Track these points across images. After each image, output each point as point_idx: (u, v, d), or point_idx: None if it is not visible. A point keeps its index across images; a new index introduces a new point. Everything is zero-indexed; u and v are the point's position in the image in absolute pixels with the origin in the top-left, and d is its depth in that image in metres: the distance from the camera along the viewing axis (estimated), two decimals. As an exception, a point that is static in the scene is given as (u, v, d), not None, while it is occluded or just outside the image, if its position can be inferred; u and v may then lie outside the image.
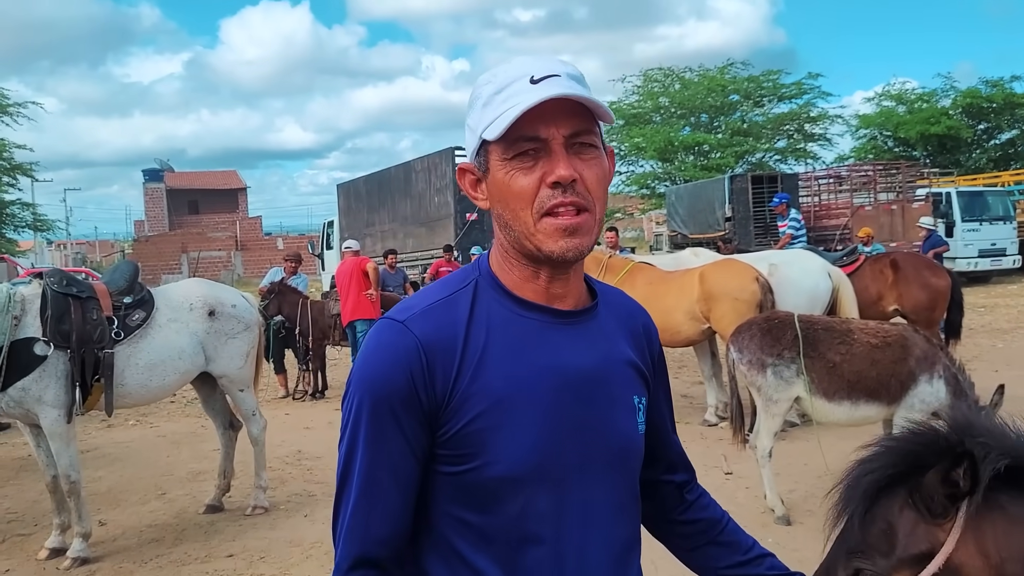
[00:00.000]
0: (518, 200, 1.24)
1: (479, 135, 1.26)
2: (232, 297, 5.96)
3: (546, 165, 1.22)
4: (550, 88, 1.20)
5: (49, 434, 5.09)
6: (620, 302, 1.47)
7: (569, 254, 1.24)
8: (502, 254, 1.33)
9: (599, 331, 1.36)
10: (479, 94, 1.28)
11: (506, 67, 1.28)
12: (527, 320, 1.30)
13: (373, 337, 1.29)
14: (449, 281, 1.36)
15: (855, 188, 21.33)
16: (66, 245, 52.54)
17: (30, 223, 33.54)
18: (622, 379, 1.37)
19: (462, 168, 1.35)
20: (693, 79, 34.42)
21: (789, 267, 7.89)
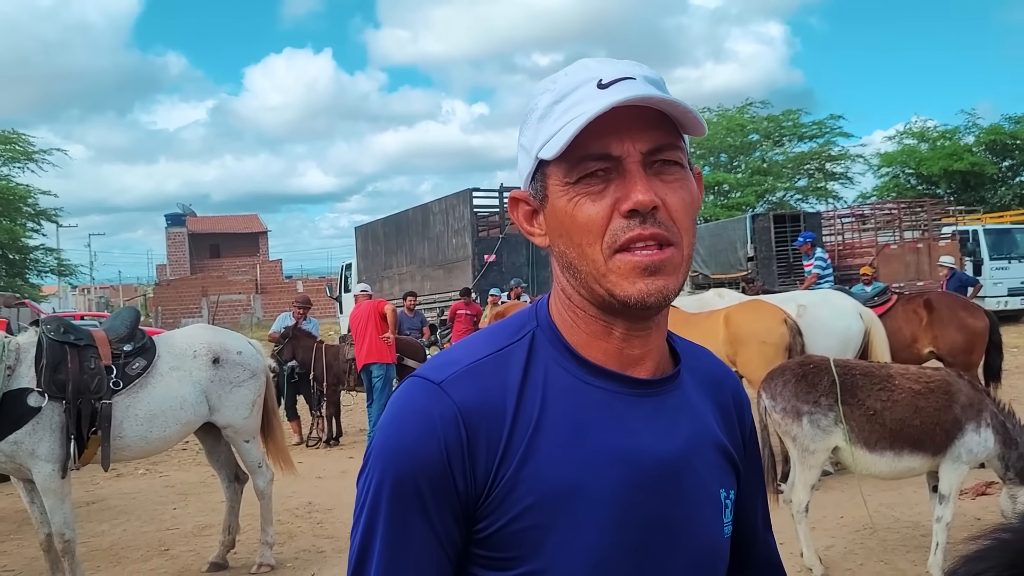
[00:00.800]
0: (584, 233, 0.99)
1: (534, 155, 1.03)
2: (238, 343, 5.73)
3: (619, 189, 0.98)
4: (623, 92, 0.96)
5: (43, 490, 4.85)
6: (706, 365, 1.19)
7: (650, 299, 0.98)
8: (564, 303, 1.08)
9: (682, 405, 1.09)
10: (535, 105, 1.04)
11: (568, 71, 1.04)
12: (594, 389, 1.04)
13: (401, 400, 1.03)
14: (499, 331, 1.10)
15: (879, 226, 20.99)
16: (90, 289, 52.91)
17: (54, 268, 33.74)
18: (708, 468, 1.10)
19: (514, 198, 1.10)
20: (712, 119, 34.35)
21: (819, 308, 7.58)
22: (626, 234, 0.97)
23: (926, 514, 5.42)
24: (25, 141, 30.69)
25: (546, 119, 1.01)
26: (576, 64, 1.04)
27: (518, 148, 1.08)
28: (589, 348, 1.05)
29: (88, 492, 8.27)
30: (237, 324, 37.20)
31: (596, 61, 1.03)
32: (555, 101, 1.00)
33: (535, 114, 1.03)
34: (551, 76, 1.05)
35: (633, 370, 1.05)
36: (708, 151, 34.29)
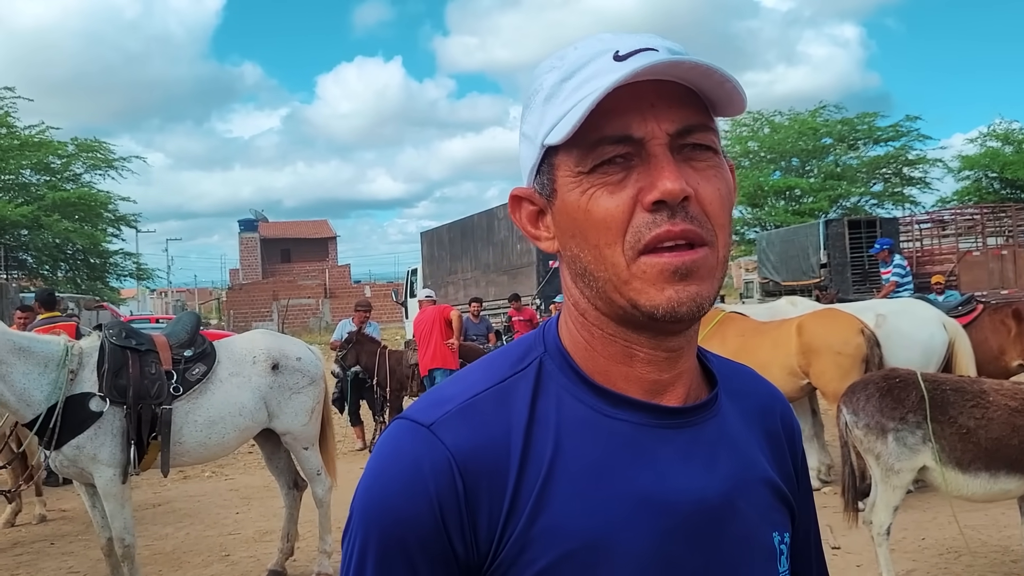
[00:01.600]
0: (602, 231, 0.83)
1: (540, 142, 0.87)
2: (297, 349, 5.68)
3: (643, 177, 0.82)
4: (644, 60, 0.81)
5: (103, 494, 4.86)
6: (748, 386, 1.02)
7: (681, 309, 0.82)
8: (577, 321, 0.91)
9: (722, 437, 0.92)
10: (539, 86, 0.88)
11: (579, 43, 0.88)
12: (616, 423, 0.87)
13: (385, 447, 0.87)
14: (499, 360, 0.93)
15: (960, 232, 20.21)
16: (167, 293, 54.39)
17: (132, 272, 34.71)
18: (758, 510, 0.92)
19: (516, 196, 0.93)
20: (783, 123, 33.64)
21: (899, 318, 7.23)
22: (652, 231, 0.81)
23: (1016, 538, 5.10)
24: (106, 149, 31.69)
25: (553, 99, 0.86)
26: (587, 37, 0.89)
27: (520, 138, 0.92)
28: (608, 375, 0.89)
29: (156, 494, 8.37)
30: (306, 328, 37.77)
31: (610, 33, 0.88)
32: (564, 78, 0.85)
33: (539, 95, 0.88)
34: (556, 51, 0.89)
35: (661, 398, 0.89)
36: (779, 155, 33.57)
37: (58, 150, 30.31)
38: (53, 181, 30.45)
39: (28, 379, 4.62)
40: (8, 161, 28.69)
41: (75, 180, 31.32)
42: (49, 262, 30.33)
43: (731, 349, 7.21)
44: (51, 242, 29.02)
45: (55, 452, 4.72)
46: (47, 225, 27.62)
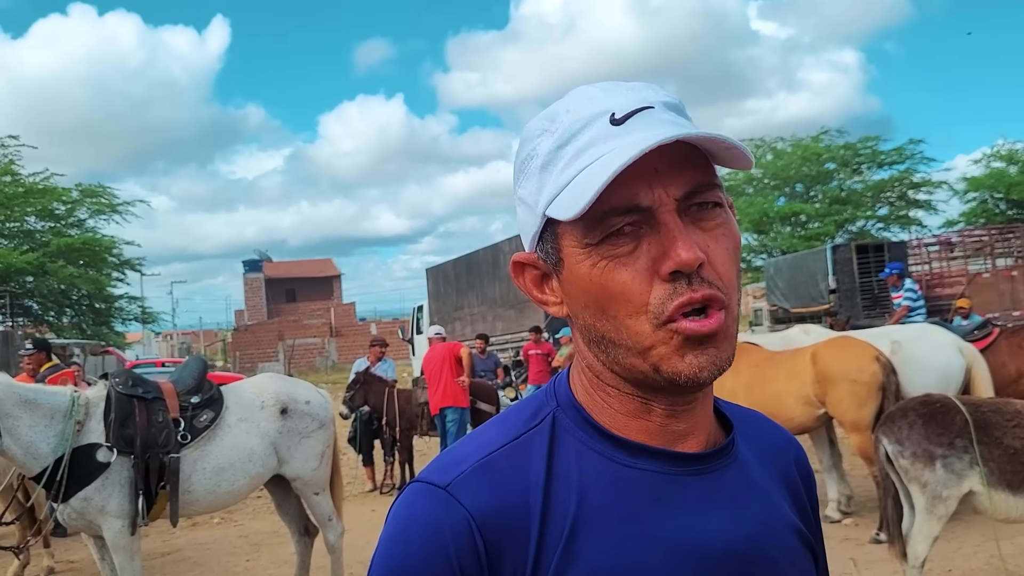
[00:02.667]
0: (621, 303, 0.82)
1: (540, 212, 0.85)
2: (306, 393, 5.61)
3: (655, 246, 0.80)
4: (647, 129, 0.80)
5: (112, 547, 4.77)
6: (763, 431, 1.00)
7: (703, 375, 0.81)
8: (591, 381, 0.89)
9: (744, 482, 0.90)
10: (533, 151, 0.86)
11: (569, 104, 0.86)
12: (637, 473, 0.85)
13: (401, 512, 0.85)
14: (512, 417, 0.91)
15: (968, 254, 20.13)
16: (172, 336, 54.41)
17: (137, 316, 34.68)
18: (787, 555, 0.90)
19: (518, 262, 0.92)
20: (786, 149, 33.71)
21: (915, 344, 7.13)
22: (674, 301, 0.80)
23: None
24: (110, 194, 31.75)
25: (551, 168, 0.84)
26: (575, 94, 0.87)
27: (516, 202, 0.90)
28: (626, 427, 0.87)
29: (164, 542, 8.24)
30: (312, 367, 37.67)
31: (599, 88, 0.86)
32: (559, 145, 0.83)
33: (534, 161, 0.86)
34: (545, 113, 0.87)
35: (680, 445, 0.88)
36: (783, 181, 33.59)
37: (62, 196, 30.41)
38: (57, 227, 30.52)
39: (35, 432, 4.56)
40: (13, 208, 28.78)
41: (79, 226, 31.39)
42: (54, 308, 30.31)
43: (744, 380, 7.12)
44: (56, 288, 29.02)
45: (63, 505, 4.64)
46: (52, 271, 27.65)
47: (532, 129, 0.88)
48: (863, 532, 6.66)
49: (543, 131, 0.86)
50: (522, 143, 0.89)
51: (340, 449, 6.67)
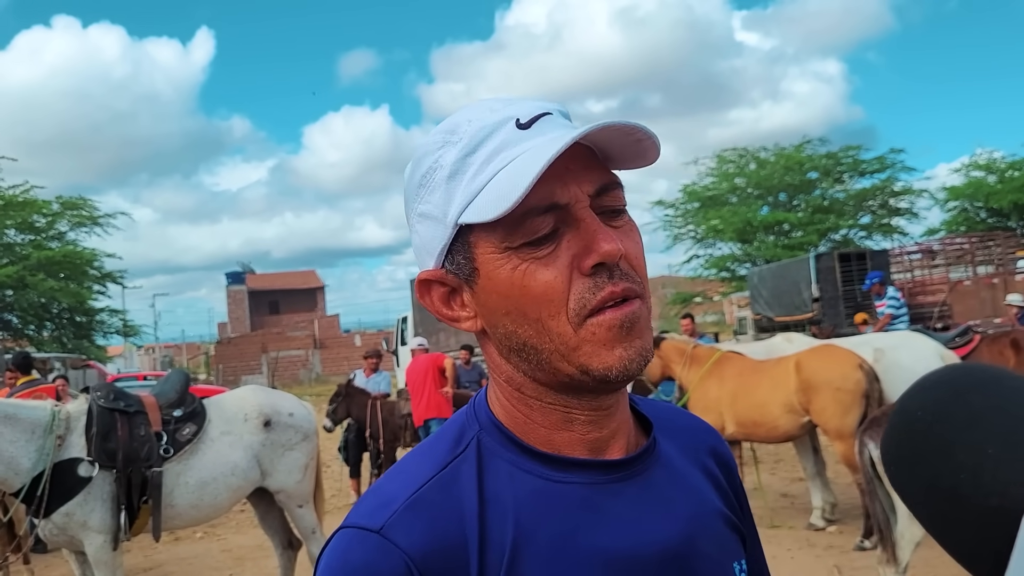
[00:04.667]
0: (543, 304, 0.81)
1: (451, 222, 0.84)
2: (289, 405, 5.58)
3: (575, 242, 0.81)
4: (554, 131, 0.83)
5: (94, 562, 4.72)
6: (679, 422, 1.02)
7: (632, 365, 0.82)
8: (511, 395, 0.88)
9: (670, 478, 0.92)
10: (435, 163, 0.85)
11: (468, 115, 0.85)
12: (567, 487, 0.85)
13: (334, 560, 0.81)
14: (434, 446, 0.89)
15: (950, 262, 20.28)
16: (154, 349, 54.02)
17: (119, 329, 34.42)
18: (718, 543, 0.92)
19: (425, 280, 0.89)
20: (769, 158, 33.86)
21: (897, 352, 7.17)
22: (596, 295, 0.81)
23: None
24: (90, 206, 31.54)
25: (459, 176, 0.83)
26: (471, 107, 0.87)
27: (416, 220, 0.89)
28: (551, 442, 0.87)
29: (146, 557, 8.16)
30: (296, 380, 37.49)
31: (495, 100, 0.87)
32: (467, 153, 0.83)
33: (439, 173, 0.84)
34: (442, 127, 0.87)
35: (604, 453, 0.88)
36: (766, 190, 33.75)
37: (42, 209, 30.16)
38: (38, 240, 30.26)
39: (15, 447, 4.51)
40: (-8, 221, 28.59)
41: (60, 238, 31.15)
42: (34, 322, 30.04)
43: (729, 389, 7.15)
44: (36, 301, 28.76)
45: (44, 520, 4.59)
46: (32, 285, 27.40)
47: (429, 143, 0.87)
48: (847, 540, 6.67)
49: (444, 143, 0.85)
50: (419, 160, 0.88)
51: (323, 462, 6.64)
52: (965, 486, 0.58)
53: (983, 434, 0.58)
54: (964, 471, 0.58)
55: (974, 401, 0.61)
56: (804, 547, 6.65)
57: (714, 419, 7.06)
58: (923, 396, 0.63)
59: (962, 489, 0.58)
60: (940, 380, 0.64)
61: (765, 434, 7.07)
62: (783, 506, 8.03)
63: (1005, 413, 0.59)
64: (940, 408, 0.61)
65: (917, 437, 0.62)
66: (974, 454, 0.58)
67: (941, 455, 0.59)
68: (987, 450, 0.58)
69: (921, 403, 0.63)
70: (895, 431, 0.64)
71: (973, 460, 0.58)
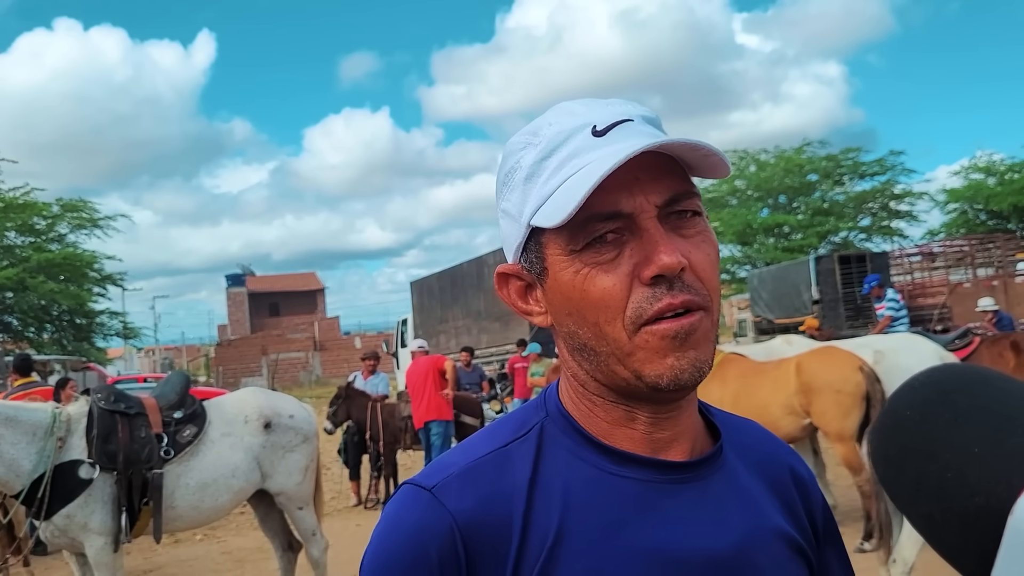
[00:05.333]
0: (601, 309, 0.83)
1: (525, 222, 0.87)
2: (289, 407, 5.58)
3: (637, 252, 0.82)
4: (627, 139, 0.83)
5: (95, 564, 4.71)
6: (753, 438, 1.00)
7: (684, 376, 0.82)
8: (577, 391, 0.91)
9: (731, 490, 0.91)
10: (517, 164, 0.89)
11: (551, 118, 0.88)
12: (623, 481, 0.86)
13: (390, 513, 0.88)
14: (502, 427, 0.93)
15: (950, 264, 20.28)
16: (154, 351, 53.98)
17: (119, 331, 34.41)
18: (772, 560, 0.89)
19: (503, 274, 0.94)
20: (769, 160, 33.91)
21: (898, 354, 7.16)
22: (654, 306, 0.81)
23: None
24: (91, 208, 31.52)
25: (535, 179, 0.86)
26: (556, 110, 0.89)
27: (500, 214, 0.93)
28: (612, 436, 0.89)
29: (146, 559, 8.15)
30: (296, 382, 37.48)
31: (580, 104, 0.89)
32: (543, 157, 0.86)
33: (518, 173, 0.88)
34: (528, 127, 0.90)
35: (666, 453, 0.89)
36: (767, 192, 33.79)
37: (43, 211, 30.15)
38: (38, 242, 30.25)
39: (16, 449, 4.50)
40: (-8, 224, 28.59)
41: (60, 240, 31.12)
42: (34, 324, 30.00)
43: (732, 390, 7.14)
44: (36, 304, 28.73)
45: (45, 522, 4.59)
46: (32, 287, 27.38)
47: (515, 143, 0.89)
48: (847, 542, 6.61)
49: (526, 144, 0.88)
50: (505, 157, 0.91)
51: (323, 464, 6.64)
52: (951, 485, 0.58)
53: (969, 434, 0.59)
54: (950, 471, 0.58)
55: (960, 401, 0.61)
56: (804, 549, 6.65)
57: (717, 422, 7.07)
58: (911, 396, 0.64)
59: (948, 488, 0.58)
60: (927, 380, 0.64)
61: (766, 435, 7.07)
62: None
63: (991, 413, 0.59)
64: (927, 408, 0.62)
65: (904, 437, 0.62)
66: (960, 454, 0.58)
67: (928, 455, 0.60)
68: (973, 450, 0.58)
69: (909, 403, 0.64)
70: (883, 430, 0.64)
71: (959, 460, 0.58)
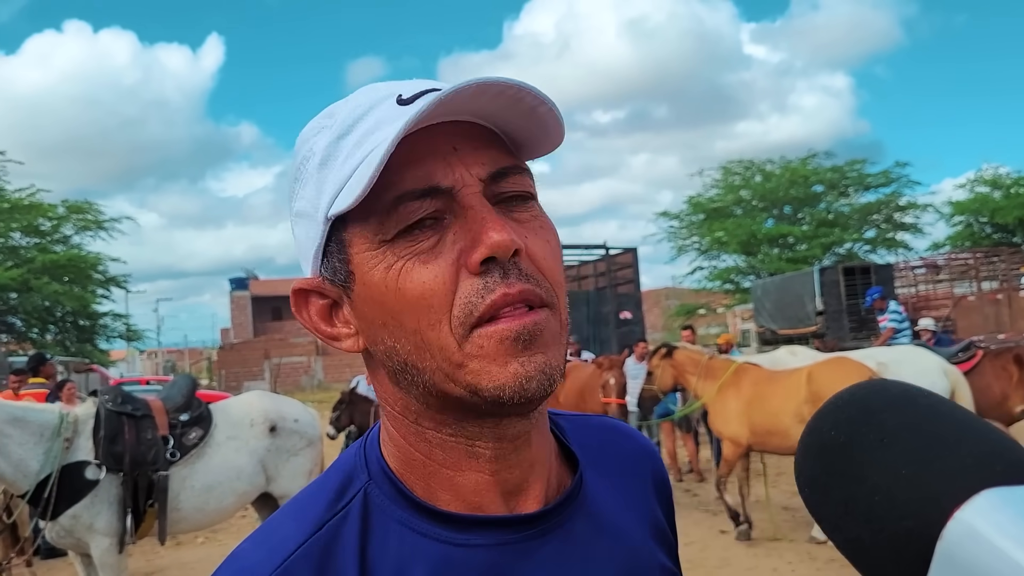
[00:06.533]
0: (422, 311, 0.66)
1: (322, 216, 0.70)
2: (294, 411, 5.61)
3: (461, 234, 0.67)
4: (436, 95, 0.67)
5: (99, 565, 4.74)
6: (610, 448, 0.85)
7: (531, 384, 0.66)
8: (406, 429, 0.73)
9: (599, 528, 0.77)
10: (309, 151, 0.72)
11: (349, 99, 0.74)
12: (472, 551, 0.70)
13: None
14: (312, 500, 0.73)
15: (955, 277, 20.29)
16: (157, 354, 54.05)
17: (122, 333, 34.49)
18: None
19: (300, 290, 0.74)
20: (774, 171, 33.91)
21: (900, 366, 7.19)
22: (486, 298, 0.65)
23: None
24: (96, 210, 31.65)
25: (330, 162, 0.69)
26: (358, 91, 0.74)
27: (293, 221, 0.75)
28: (451, 490, 0.72)
29: (148, 562, 8.17)
30: (298, 386, 37.49)
31: (384, 84, 0.74)
32: (340, 136, 0.70)
33: (311, 161, 0.71)
34: (322, 112, 0.75)
35: (518, 502, 0.73)
36: (771, 203, 33.81)
37: (48, 212, 30.28)
38: (43, 243, 30.38)
39: (24, 449, 4.53)
40: (-3, 224, 28.74)
41: (65, 242, 31.25)
42: (38, 325, 30.09)
43: (745, 398, 7.20)
44: (40, 305, 28.83)
45: (51, 523, 4.61)
46: (36, 288, 27.49)
47: (307, 131, 0.74)
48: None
49: (320, 128, 0.72)
50: (296, 150, 0.75)
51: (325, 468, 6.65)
52: (880, 508, 0.55)
53: (897, 455, 0.56)
54: (879, 493, 0.56)
55: (888, 420, 0.58)
56: (805, 560, 6.65)
57: (735, 430, 7.10)
58: (836, 416, 0.60)
59: (877, 511, 0.55)
60: (852, 399, 0.61)
61: (778, 443, 7.05)
62: (784, 519, 8.01)
63: (919, 432, 0.57)
64: (852, 428, 0.59)
65: (829, 458, 0.59)
66: (888, 475, 0.56)
67: (854, 477, 0.57)
68: (902, 471, 0.55)
69: (834, 423, 0.60)
70: (807, 452, 0.61)
71: (887, 482, 0.55)
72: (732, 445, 7.22)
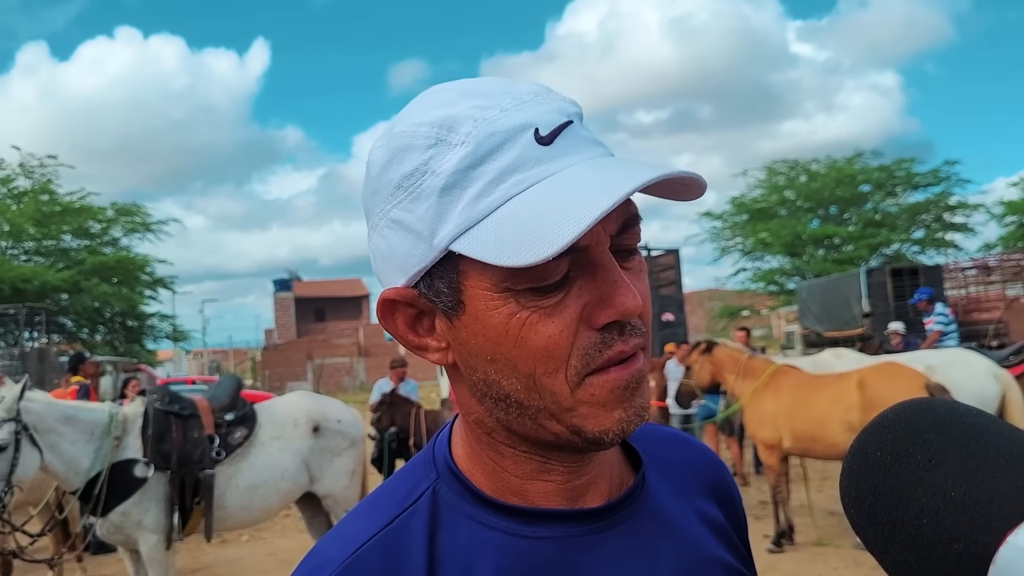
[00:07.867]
0: (541, 360, 0.67)
1: (439, 246, 0.68)
2: (338, 411, 5.66)
3: (588, 290, 0.67)
4: (580, 149, 0.68)
5: (148, 561, 4.83)
6: (672, 454, 0.88)
7: (630, 428, 0.70)
8: (481, 440, 0.75)
9: (661, 524, 0.79)
10: (426, 167, 0.68)
11: (469, 110, 0.68)
12: (538, 543, 0.73)
13: None
14: (382, 499, 0.77)
15: (1007, 278, 19.81)
16: (202, 354, 54.91)
17: (168, 334, 35.08)
18: None
19: (390, 300, 0.73)
20: (820, 170, 33.42)
21: (950, 369, 7.03)
22: (604, 354, 0.68)
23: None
24: (144, 213, 32.25)
25: (459, 192, 0.66)
26: (472, 95, 0.70)
27: (383, 224, 0.72)
28: (521, 492, 0.74)
29: (194, 559, 8.30)
30: (340, 387, 37.85)
31: (499, 89, 0.70)
32: (470, 165, 0.66)
33: (430, 180, 0.67)
34: (432, 118, 0.69)
35: (582, 500, 0.76)
36: (817, 203, 33.34)
37: (97, 215, 30.91)
38: (92, 245, 31.01)
39: (76, 447, 4.64)
40: (49, 227, 29.36)
41: (114, 244, 31.87)
42: (88, 326, 30.73)
43: (785, 402, 7.05)
44: (90, 306, 29.42)
45: (102, 519, 4.71)
46: (86, 289, 28.07)
47: (415, 137, 0.69)
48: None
49: (438, 141, 0.68)
50: (398, 152, 0.70)
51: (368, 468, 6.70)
52: (928, 532, 0.54)
53: (944, 476, 0.55)
54: (926, 516, 0.54)
55: (934, 441, 0.57)
56: (851, 566, 6.55)
57: (770, 433, 6.98)
58: (881, 436, 0.59)
59: (925, 535, 0.54)
60: (898, 418, 0.60)
61: (823, 450, 6.93)
62: (830, 524, 7.90)
63: (967, 454, 0.55)
64: (898, 448, 0.58)
65: (876, 479, 0.58)
66: (936, 498, 0.54)
67: (901, 499, 0.56)
68: (949, 493, 0.54)
69: (879, 443, 0.59)
70: (853, 473, 0.60)
71: (935, 504, 0.54)
72: (767, 449, 7.11)
